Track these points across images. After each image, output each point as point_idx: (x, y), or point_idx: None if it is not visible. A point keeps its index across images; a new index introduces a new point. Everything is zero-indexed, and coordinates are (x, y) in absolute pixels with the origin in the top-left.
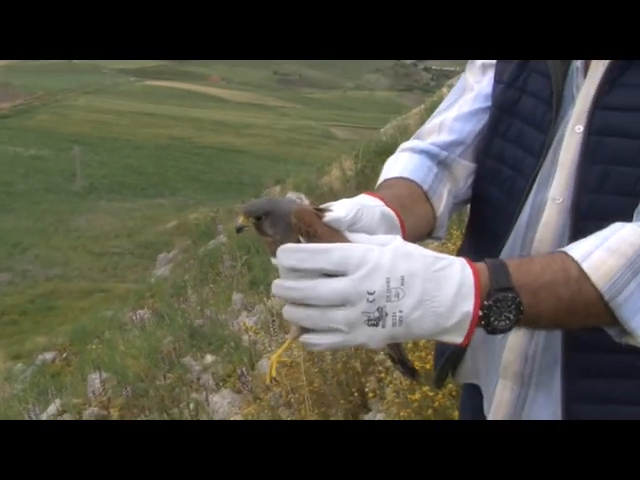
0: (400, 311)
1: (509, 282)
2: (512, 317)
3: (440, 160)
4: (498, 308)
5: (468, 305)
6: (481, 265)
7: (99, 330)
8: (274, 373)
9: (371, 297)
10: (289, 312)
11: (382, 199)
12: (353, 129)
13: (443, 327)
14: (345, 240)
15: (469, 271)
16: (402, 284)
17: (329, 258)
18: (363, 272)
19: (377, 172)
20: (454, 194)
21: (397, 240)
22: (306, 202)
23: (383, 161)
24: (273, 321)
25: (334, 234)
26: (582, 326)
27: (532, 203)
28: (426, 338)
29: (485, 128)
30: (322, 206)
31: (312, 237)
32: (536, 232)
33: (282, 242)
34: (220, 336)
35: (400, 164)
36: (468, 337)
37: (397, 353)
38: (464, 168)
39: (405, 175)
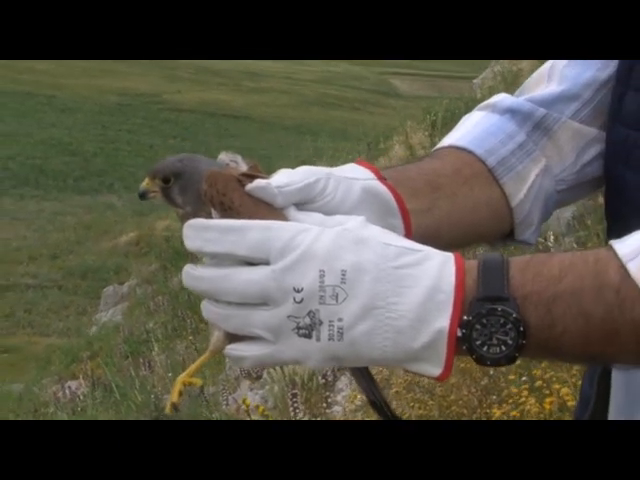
0: (339, 319)
1: (503, 288)
2: (510, 341)
3: (536, 122)
4: (484, 327)
5: (442, 319)
6: (472, 263)
7: None
8: (175, 398)
9: (298, 296)
10: (206, 310)
11: (375, 172)
12: (427, 80)
13: (407, 350)
14: (278, 218)
15: (451, 270)
16: (342, 281)
17: (243, 239)
18: (288, 261)
19: None
20: (558, 175)
21: (353, 220)
22: (243, 166)
23: None
24: (294, 396)
25: (261, 209)
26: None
27: None
28: (388, 365)
29: (613, 76)
30: (259, 173)
31: (228, 210)
32: None
33: (194, 216)
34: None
35: (463, 128)
36: (448, 368)
37: (364, 387)
38: (576, 135)
39: (460, 144)
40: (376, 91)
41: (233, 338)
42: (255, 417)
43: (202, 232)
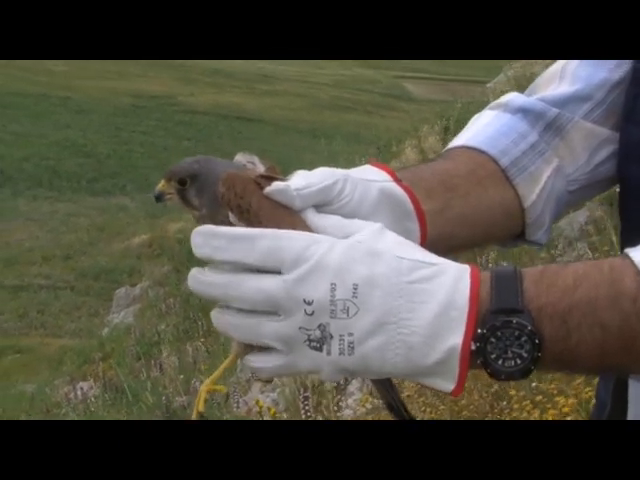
0: (350, 334)
1: (517, 300)
2: (525, 354)
3: (548, 122)
4: (499, 340)
5: (455, 336)
6: (485, 275)
7: (11, 417)
8: (202, 407)
9: (309, 308)
10: (215, 318)
11: (391, 173)
12: (441, 84)
13: (418, 366)
14: (297, 221)
15: (466, 284)
16: (354, 295)
17: (253, 248)
18: (300, 272)
19: None
20: (570, 175)
21: (369, 229)
22: (260, 168)
23: None
24: (306, 398)
25: (280, 212)
26: None
27: None
28: (398, 378)
29: (626, 77)
30: (277, 175)
31: (244, 214)
32: None
33: (210, 218)
34: None
35: (475, 128)
36: (461, 384)
37: (381, 390)
38: (589, 135)
39: (473, 144)
40: (389, 95)
41: (250, 345)
42: (269, 418)
43: (211, 239)
